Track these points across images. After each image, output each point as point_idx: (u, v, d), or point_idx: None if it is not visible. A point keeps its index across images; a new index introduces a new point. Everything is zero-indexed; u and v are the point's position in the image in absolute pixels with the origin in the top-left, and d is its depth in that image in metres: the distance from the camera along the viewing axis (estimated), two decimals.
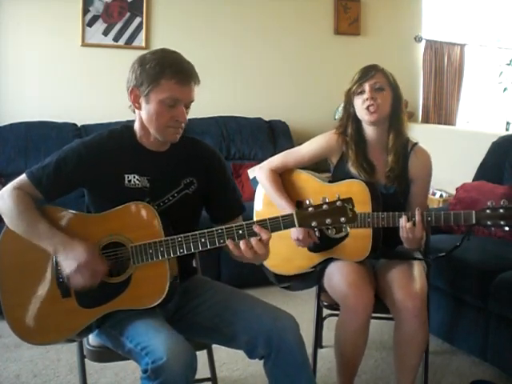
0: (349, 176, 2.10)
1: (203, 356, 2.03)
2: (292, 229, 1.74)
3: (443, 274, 2.51)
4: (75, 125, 3.75)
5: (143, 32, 4.10)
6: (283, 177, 2.21)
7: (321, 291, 2.21)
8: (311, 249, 2.11)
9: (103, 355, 1.73)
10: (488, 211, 1.78)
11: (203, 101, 4.08)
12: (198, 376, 1.61)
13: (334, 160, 2.18)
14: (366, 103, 2.02)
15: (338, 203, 1.48)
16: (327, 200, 1.49)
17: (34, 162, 1.71)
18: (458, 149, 4.12)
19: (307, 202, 1.51)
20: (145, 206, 1.61)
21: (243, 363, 2.46)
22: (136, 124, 1.69)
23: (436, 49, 5.09)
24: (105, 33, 4.02)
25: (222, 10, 4.36)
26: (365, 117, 2.05)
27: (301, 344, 1.62)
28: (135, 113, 1.67)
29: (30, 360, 2.51)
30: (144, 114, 1.62)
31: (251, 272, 2.21)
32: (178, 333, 1.55)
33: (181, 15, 4.24)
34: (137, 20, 4.09)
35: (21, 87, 3.89)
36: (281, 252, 2.10)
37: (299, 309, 2.98)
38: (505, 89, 5.71)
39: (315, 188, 2.16)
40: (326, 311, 2.27)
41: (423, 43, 5.03)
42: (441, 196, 4.13)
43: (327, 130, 2.21)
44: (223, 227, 1.54)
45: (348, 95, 2.10)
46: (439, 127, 4.92)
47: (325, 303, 2.16)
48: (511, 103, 5.78)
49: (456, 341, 2.57)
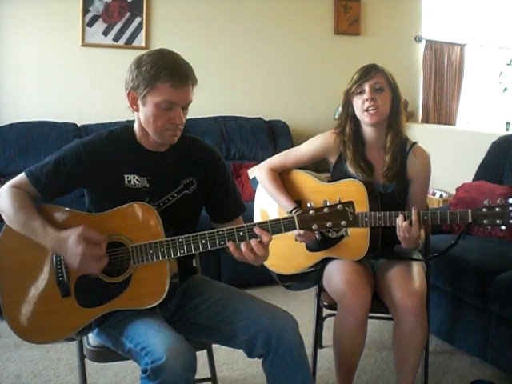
0: (347, 176, 2.11)
1: (203, 356, 2.04)
2: None
3: (443, 274, 2.51)
4: (75, 125, 3.76)
5: (143, 32, 4.10)
6: (282, 177, 2.21)
7: (321, 291, 2.21)
8: (310, 248, 2.11)
9: (103, 355, 1.73)
10: (484, 210, 1.78)
11: (203, 101, 4.13)
12: (198, 376, 1.61)
13: (333, 160, 2.18)
14: (366, 104, 2.02)
15: (339, 206, 1.48)
16: (328, 203, 1.50)
17: (34, 162, 1.71)
18: (458, 149, 4.12)
19: (308, 205, 1.52)
20: (145, 206, 1.61)
21: (243, 363, 2.46)
22: (135, 124, 1.69)
23: (436, 49, 5.09)
24: (105, 33, 4.02)
25: (222, 10, 4.36)
26: (365, 119, 2.05)
27: (300, 343, 1.62)
28: (135, 113, 1.67)
29: (30, 360, 2.51)
30: (142, 116, 1.62)
31: (251, 272, 2.21)
32: (178, 333, 1.55)
33: (181, 15, 4.25)
34: (137, 20, 4.10)
35: (21, 87, 3.89)
36: (280, 252, 2.10)
37: (299, 309, 2.98)
38: (505, 89, 5.71)
39: (314, 187, 2.16)
40: (326, 311, 2.27)
41: (423, 43, 5.04)
42: (441, 196, 4.13)
43: (327, 130, 2.22)
44: (224, 229, 1.54)
45: (347, 95, 2.09)
46: (439, 127, 4.92)
47: (325, 303, 2.16)
48: (511, 103, 5.78)
49: (456, 341, 2.57)
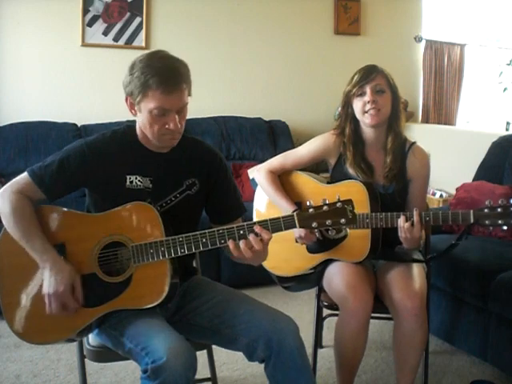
0: (347, 177, 2.10)
1: (203, 356, 2.03)
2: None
3: (443, 274, 2.51)
4: (75, 125, 3.76)
5: (143, 32, 4.10)
6: (282, 178, 2.21)
7: (321, 291, 2.21)
8: (310, 250, 2.11)
9: (103, 355, 1.73)
10: (486, 210, 1.77)
11: (203, 101, 4.13)
12: (198, 376, 1.61)
13: (332, 161, 2.18)
14: (368, 106, 2.01)
15: (338, 204, 1.49)
16: (327, 201, 1.50)
17: (34, 162, 1.70)
18: (458, 149, 4.12)
19: (308, 204, 1.52)
20: (146, 206, 1.61)
21: (243, 363, 2.45)
22: (137, 126, 1.69)
23: (436, 49, 5.09)
24: (105, 33, 4.02)
25: (222, 10, 4.36)
26: (366, 120, 2.04)
27: (301, 347, 1.61)
28: None
29: (30, 360, 2.51)
30: (140, 121, 1.63)
31: (251, 272, 2.21)
32: (178, 333, 1.55)
33: (181, 15, 4.25)
34: (137, 20, 4.10)
35: (21, 87, 3.89)
36: (280, 254, 2.10)
37: (299, 309, 2.98)
38: (505, 89, 5.71)
39: (314, 189, 2.16)
40: (326, 311, 2.27)
41: (423, 43, 5.04)
42: (441, 196, 4.13)
43: (327, 130, 2.21)
44: (224, 227, 1.55)
45: (347, 96, 2.09)
46: (439, 127, 4.92)
47: (325, 303, 2.16)
48: (511, 103, 5.78)
49: (456, 341, 2.57)
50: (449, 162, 4.02)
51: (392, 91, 2.07)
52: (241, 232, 1.54)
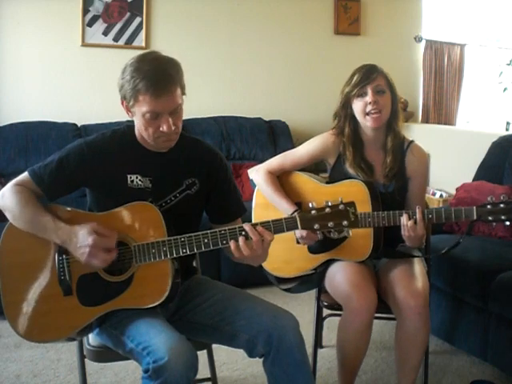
0: (347, 176, 2.10)
1: (203, 356, 2.03)
2: None
3: (443, 274, 2.51)
4: (75, 125, 3.76)
5: (143, 32, 4.10)
6: (281, 179, 2.20)
7: (321, 291, 2.21)
8: (311, 250, 2.11)
9: (103, 355, 1.73)
10: (489, 206, 1.78)
11: (203, 101, 4.12)
12: (198, 376, 1.61)
13: (331, 161, 2.18)
14: (369, 107, 2.01)
15: (341, 207, 1.50)
16: (330, 203, 1.51)
17: (34, 162, 1.71)
18: (458, 149, 4.11)
19: (310, 205, 1.53)
20: (148, 206, 1.61)
21: (243, 363, 2.46)
22: (135, 127, 1.69)
23: (436, 49, 5.09)
24: (105, 33, 4.02)
25: (222, 10, 4.36)
26: (367, 123, 2.04)
27: (301, 343, 1.62)
28: None
29: (30, 360, 2.51)
30: (136, 124, 1.63)
31: (251, 272, 2.21)
32: (179, 332, 1.55)
33: (181, 15, 4.25)
34: (137, 20, 4.10)
35: (21, 87, 3.89)
36: (281, 255, 2.10)
37: (299, 309, 2.98)
38: (505, 89, 5.71)
39: (313, 189, 2.15)
40: (326, 311, 2.27)
41: (423, 43, 5.04)
42: (441, 196, 4.12)
43: (327, 130, 2.21)
44: (226, 228, 1.55)
45: (347, 96, 2.08)
46: (439, 127, 4.92)
47: (325, 303, 2.16)
48: (511, 103, 5.79)
49: (456, 341, 2.57)
50: (449, 162, 4.02)
51: (391, 91, 2.07)
52: (243, 233, 1.54)
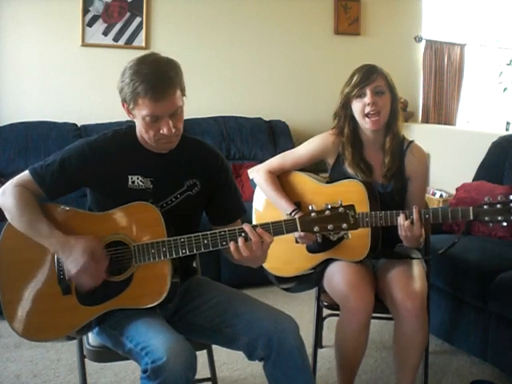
0: (346, 176, 2.10)
1: (203, 356, 2.03)
2: None
3: (443, 274, 2.51)
4: (75, 125, 3.76)
5: (143, 32, 4.10)
6: (281, 179, 2.20)
7: (321, 291, 2.21)
8: (310, 250, 2.11)
9: (103, 355, 1.73)
10: (485, 207, 1.78)
11: (203, 101, 4.12)
12: (198, 376, 1.61)
13: (331, 161, 2.18)
14: (368, 108, 2.00)
15: (341, 209, 1.51)
16: (329, 206, 1.52)
17: (34, 162, 1.70)
18: (458, 149, 4.11)
19: (310, 208, 1.54)
20: (148, 206, 1.61)
21: (243, 363, 2.46)
22: (137, 128, 1.69)
23: (436, 49, 5.09)
24: (105, 33, 4.02)
25: (222, 10, 4.36)
26: (366, 125, 2.04)
27: (301, 346, 1.62)
28: None
29: (30, 360, 2.51)
30: (137, 125, 1.63)
31: (251, 272, 2.21)
32: (178, 333, 1.55)
33: (181, 15, 4.25)
34: (137, 20, 4.10)
35: (21, 87, 3.90)
36: (280, 255, 2.09)
37: (299, 309, 2.98)
38: (505, 89, 5.71)
39: (313, 189, 2.15)
40: (326, 311, 2.27)
41: (423, 43, 5.03)
42: (441, 196, 4.12)
43: (327, 130, 2.21)
44: (226, 229, 1.55)
45: (346, 97, 2.08)
46: (439, 127, 4.92)
47: (325, 303, 2.16)
48: (511, 103, 5.78)
49: (456, 341, 2.57)
50: (449, 162, 4.02)
51: (391, 91, 2.07)
52: (242, 234, 1.54)
